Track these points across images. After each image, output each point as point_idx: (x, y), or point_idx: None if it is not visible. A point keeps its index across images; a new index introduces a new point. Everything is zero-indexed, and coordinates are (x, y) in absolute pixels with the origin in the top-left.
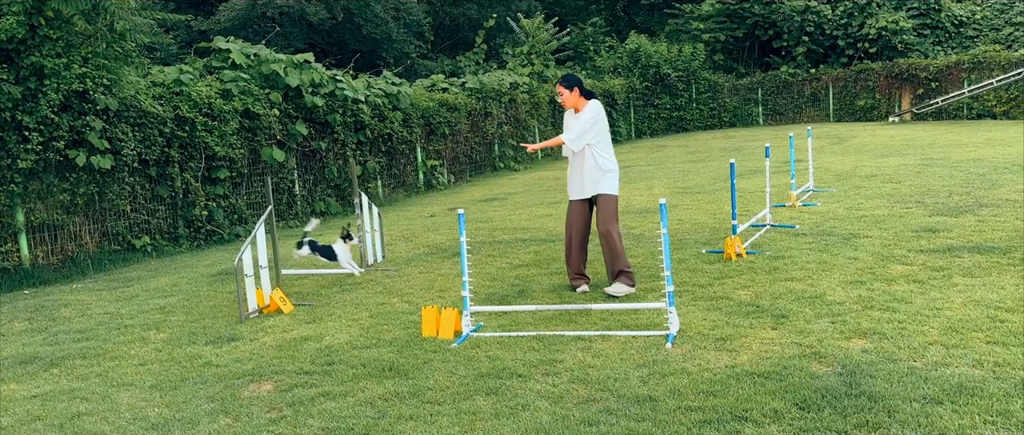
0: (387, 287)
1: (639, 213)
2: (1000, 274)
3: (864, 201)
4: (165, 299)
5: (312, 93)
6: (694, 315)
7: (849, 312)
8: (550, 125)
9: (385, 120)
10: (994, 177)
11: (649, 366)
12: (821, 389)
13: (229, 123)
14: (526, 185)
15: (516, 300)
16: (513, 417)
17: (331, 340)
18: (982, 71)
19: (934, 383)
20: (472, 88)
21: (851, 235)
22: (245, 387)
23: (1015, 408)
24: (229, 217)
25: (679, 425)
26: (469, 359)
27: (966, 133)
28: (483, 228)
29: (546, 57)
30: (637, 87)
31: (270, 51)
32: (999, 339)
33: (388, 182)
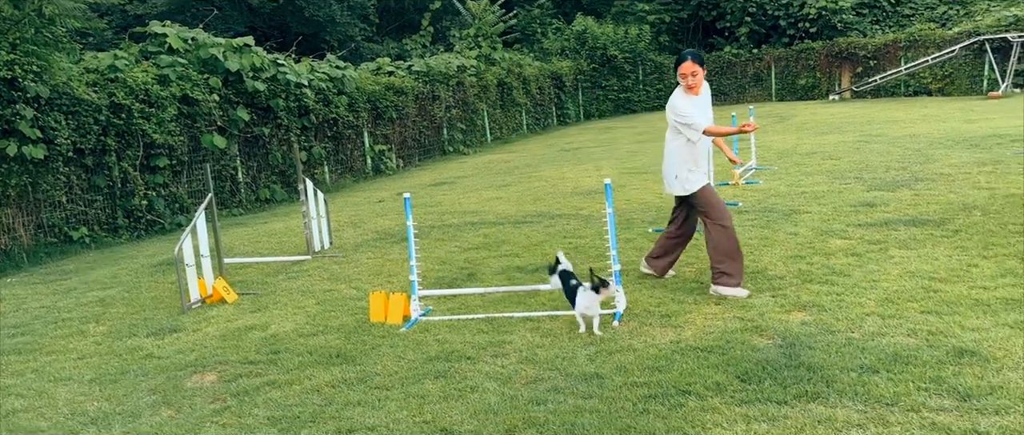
0: (334, 274)
1: (587, 194)
2: (934, 246)
3: (805, 178)
4: (104, 291)
5: (253, 78)
6: (641, 293)
7: (789, 286)
8: (499, 108)
9: (330, 105)
10: (929, 152)
11: (596, 344)
12: (762, 362)
13: (167, 110)
14: (476, 169)
15: (465, 283)
16: (462, 399)
17: (277, 329)
18: (918, 49)
19: (871, 353)
20: (419, 71)
21: (792, 211)
22: (188, 378)
23: (947, 375)
24: (170, 206)
25: (625, 401)
26: (418, 343)
27: (903, 110)
28: (432, 212)
29: (493, 39)
30: (585, 69)
31: (208, 35)
32: (933, 309)
33: (335, 168)
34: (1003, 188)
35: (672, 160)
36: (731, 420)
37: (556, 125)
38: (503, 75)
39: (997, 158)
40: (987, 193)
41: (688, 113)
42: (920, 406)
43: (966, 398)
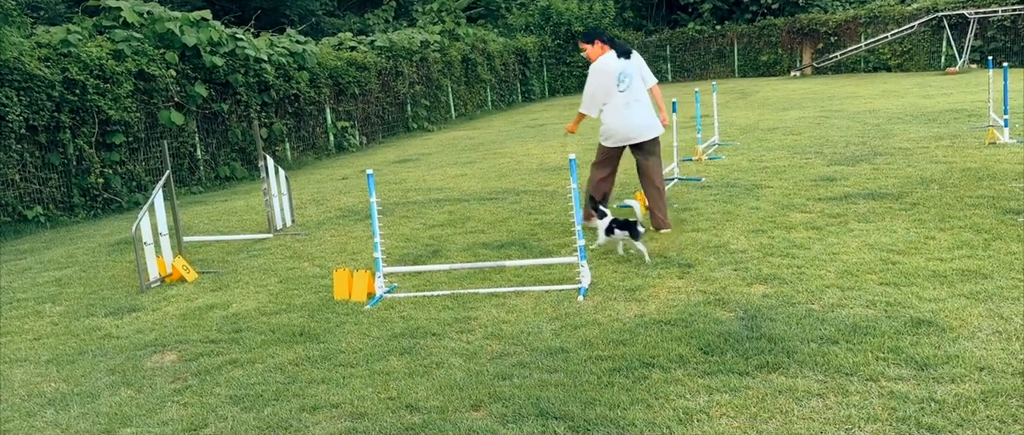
0: (297, 251)
1: (553, 170)
2: (893, 219)
3: (766, 153)
4: (61, 271)
5: (211, 53)
6: (605, 268)
7: (751, 259)
8: (463, 84)
9: (291, 80)
10: (888, 127)
11: (562, 319)
12: (724, 334)
13: (123, 85)
14: (440, 146)
15: (430, 260)
16: (427, 375)
17: (238, 307)
18: (878, 25)
19: (830, 324)
20: (382, 47)
21: (754, 186)
22: (148, 358)
23: (905, 344)
24: (127, 184)
25: (590, 374)
26: (382, 320)
27: (863, 85)
28: (396, 189)
29: (457, 15)
30: (549, 45)
31: (164, 9)
32: (891, 280)
33: (297, 144)
34: (960, 162)
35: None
36: (694, 391)
37: (521, 101)
38: (467, 51)
39: (954, 133)
40: (944, 167)
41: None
42: (878, 375)
43: (923, 367)
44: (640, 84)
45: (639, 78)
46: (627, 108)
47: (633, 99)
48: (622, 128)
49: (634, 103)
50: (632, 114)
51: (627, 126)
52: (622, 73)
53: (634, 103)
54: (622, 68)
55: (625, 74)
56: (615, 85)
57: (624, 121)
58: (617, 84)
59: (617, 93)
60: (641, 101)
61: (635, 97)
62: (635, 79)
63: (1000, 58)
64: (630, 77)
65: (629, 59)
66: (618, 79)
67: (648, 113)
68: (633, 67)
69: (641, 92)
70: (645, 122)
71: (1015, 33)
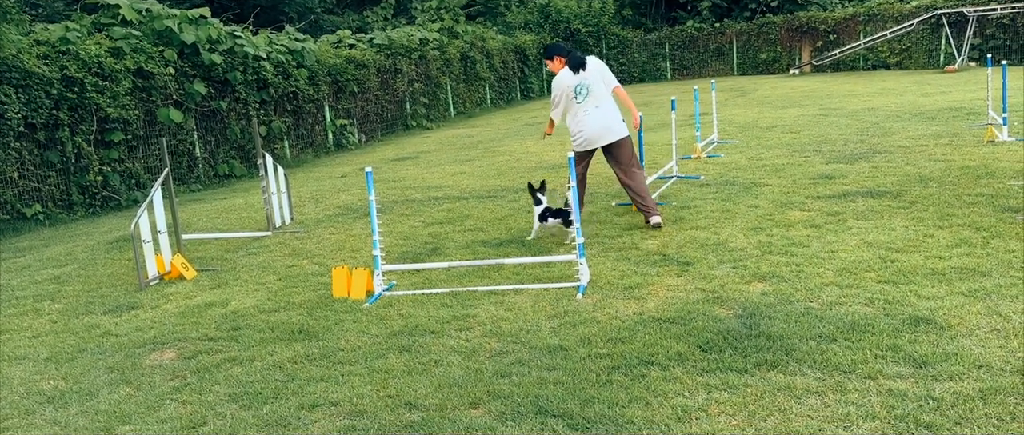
0: (296, 249)
1: (552, 168)
2: (891, 217)
3: (765, 151)
4: (59, 269)
5: (210, 50)
6: (604, 266)
7: (750, 257)
8: (462, 82)
9: (290, 78)
10: (887, 125)
11: (560, 317)
12: (723, 331)
13: (121, 83)
14: (439, 143)
15: (429, 258)
16: (426, 373)
17: (237, 305)
18: (877, 23)
19: (829, 322)
20: (381, 44)
21: (753, 184)
22: (147, 356)
23: (903, 342)
24: (126, 182)
25: (589, 372)
26: (381, 318)
27: (862, 83)
28: (395, 187)
29: (456, 12)
30: (548, 42)
31: (163, 7)
32: (889, 278)
33: (295, 142)
34: (958, 160)
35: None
36: (693, 389)
37: (520, 99)
38: (466, 49)
39: (953, 131)
40: (943, 165)
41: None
42: (877, 373)
43: (922, 365)
44: (601, 90)
45: (599, 85)
46: (587, 115)
47: (592, 106)
48: (584, 132)
49: (593, 109)
50: (592, 120)
51: (588, 131)
52: (578, 86)
53: (593, 109)
54: (577, 81)
55: (581, 86)
56: (573, 98)
57: (585, 126)
58: (575, 97)
59: (575, 104)
60: (601, 107)
61: (594, 104)
62: (593, 87)
63: (999, 56)
64: (586, 87)
65: (585, 70)
66: (574, 92)
67: (609, 117)
68: (591, 77)
69: (602, 98)
70: (605, 125)
71: (1014, 31)
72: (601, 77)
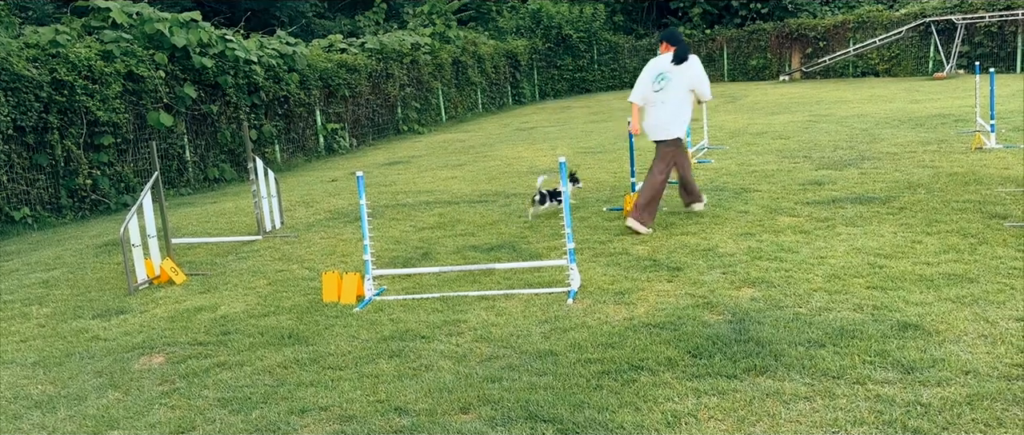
0: (286, 254)
1: (542, 173)
2: (880, 223)
3: (755, 157)
4: (48, 272)
5: (200, 54)
6: (595, 271)
7: (739, 263)
8: (453, 87)
9: (281, 82)
10: (876, 132)
11: (551, 322)
12: (713, 337)
13: (111, 86)
14: (430, 148)
15: (420, 263)
16: (416, 378)
17: (227, 309)
18: (866, 30)
19: (818, 327)
20: (372, 49)
21: (742, 190)
22: (135, 360)
23: (891, 348)
24: (115, 185)
25: (579, 377)
26: (372, 323)
27: (851, 90)
28: (386, 192)
29: (448, 17)
30: (540, 48)
31: (153, 10)
32: (878, 284)
33: (286, 146)
34: (946, 167)
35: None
36: (682, 394)
37: (511, 104)
38: (458, 54)
39: (941, 138)
40: (931, 172)
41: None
42: (865, 379)
43: (910, 371)
44: (677, 91)
45: (679, 86)
46: (652, 108)
47: (660, 101)
48: (645, 123)
49: (659, 105)
50: (652, 113)
51: (646, 124)
52: (660, 75)
53: (659, 105)
54: (661, 70)
55: (662, 75)
56: (650, 83)
57: (646, 117)
58: (653, 83)
59: (652, 91)
60: (668, 104)
61: (662, 100)
62: (672, 85)
63: (987, 63)
64: (667, 80)
65: (679, 66)
66: (655, 78)
67: (664, 118)
68: (678, 75)
69: (673, 99)
70: (657, 124)
71: (1002, 39)
72: (687, 81)
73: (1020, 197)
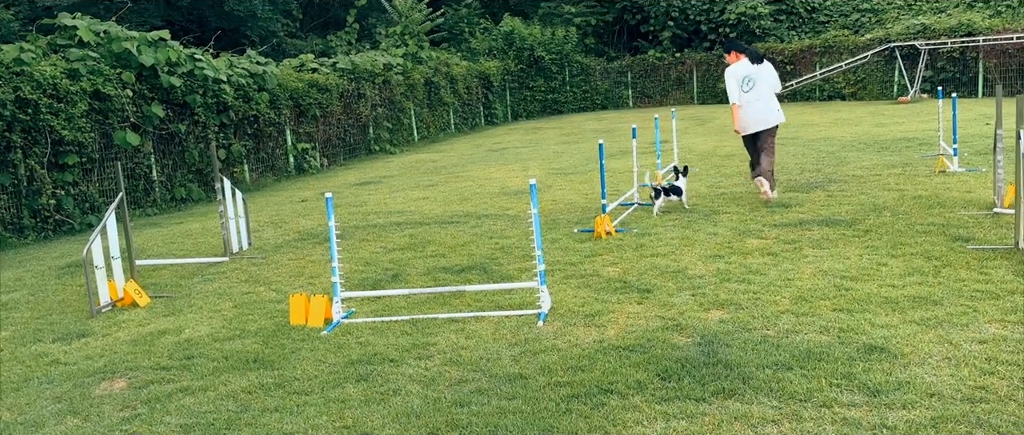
0: (253, 275)
1: (514, 194)
2: (846, 245)
3: (724, 179)
4: (8, 294)
5: (169, 73)
6: (565, 293)
7: (708, 285)
8: (426, 107)
9: (250, 101)
10: (842, 155)
11: (521, 345)
12: (682, 359)
13: (77, 105)
14: (402, 168)
15: (389, 284)
16: (384, 403)
17: (191, 333)
18: (833, 55)
19: (785, 350)
20: (344, 69)
21: (712, 212)
22: (96, 385)
23: (858, 371)
24: (80, 205)
25: (548, 401)
26: (339, 346)
27: (818, 113)
28: (357, 212)
29: (420, 38)
30: (512, 69)
31: (121, 28)
32: (844, 306)
33: (256, 166)
34: (911, 190)
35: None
36: (651, 418)
37: (484, 125)
38: (430, 74)
39: (906, 161)
40: (896, 194)
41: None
42: (832, 402)
43: (875, 393)
44: (764, 87)
45: (764, 82)
46: (748, 105)
47: (754, 98)
48: (743, 120)
49: (755, 101)
50: (751, 110)
51: (746, 119)
52: (746, 77)
53: (755, 101)
54: (747, 73)
55: (748, 78)
56: (739, 86)
57: (745, 115)
58: (741, 85)
59: (742, 93)
60: (762, 99)
61: (756, 97)
62: (759, 83)
63: (950, 88)
64: (753, 80)
65: (760, 65)
66: (742, 81)
67: (765, 110)
68: (761, 73)
69: (763, 95)
70: (760, 118)
71: (963, 64)
72: (770, 77)
73: (982, 220)
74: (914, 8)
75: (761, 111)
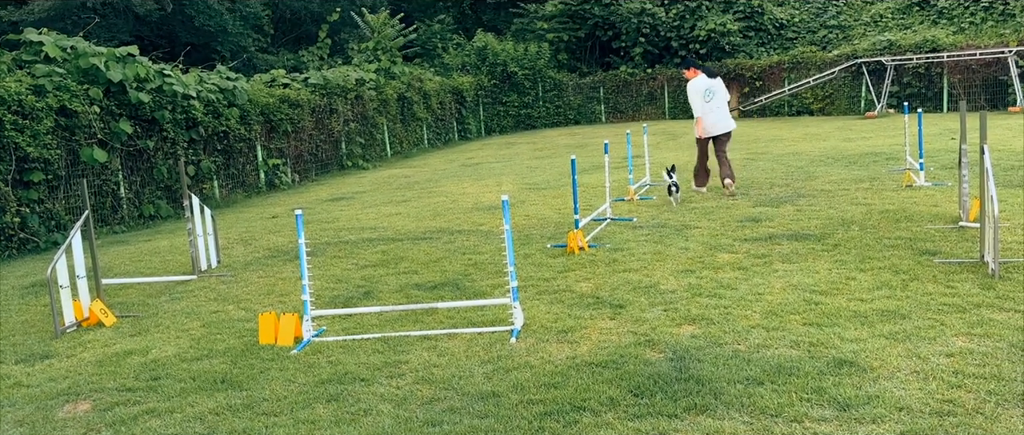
0: (222, 294)
1: (487, 209)
2: (815, 259)
3: (695, 194)
4: None
5: (137, 89)
6: (538, 309)
7: (680, 300)
8: (399, 122)
9: (220, 117)
10: (811, 169)
11: (494, 362)
12: (654, 375)
13: (43, 121)
14: (375, 184)
15: (361, 302)
16: (355, 423)
17: (158, 353)
18: (801, 71)
19: (756, 364)
20: (316, 84)
21: (683, 226)
22: (60, 408)
23: (828, 385)
24: (46, 223)
25: (521, 419)
26: (309, 366)
27: (787, 129)
28: (329, 229)
29: (393, 53)
30: (486, 85)
31: (89, 44)
32: (814, 321)
33: (226, 182)
34: (879, 204)
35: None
36: None
37: (457, 140)
38: (403, 89)
39: (873, 175)
40: (864, 209)
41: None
42: (803, 416)
43: (846, 408)
44: (721, 97)
45: (721, 94)
46: (712, 112)
47: (715, 106)
48: (707, 126)
49: (717, 109)
50: (714, 117)
51: (710, 124)
52: (708, 90)
53: (717, 109)
54: (708, 86)
55: (710, 90)
56: (702, 96)
57: (708, 121)
58: (704, 95)
59: (705, 103)
60: (721, 107)
61: (717, 105)
62: (718, 94)
63: (915, 103)
64: (714, 92)
65: (715, 79)
66: (704, 92)
67: (724, 117)
68: (717, 86)
69: (721, 102)
70: (721, 123)
71: (929, 79)
72: (723, 90)
73: (949, 234)
74: (880, 25)
75: (722, 117)
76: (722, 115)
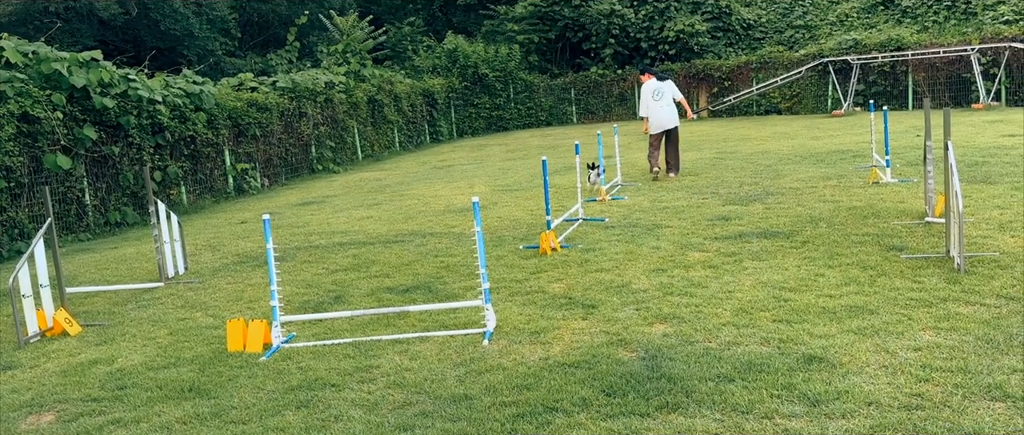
0: (189, 301)
1: (460, 212)
2: (784, 257)
3: (666, 193)
4: None
5: (101, 94)
6: (511, 310)
7: (652, 299)
8: (370, 125)
9: (187, 121)
10: (779, 168)
11: (466, 364)
12: (626, 375)
13: (4, 128)
14: (346, 187)
15: (332, 307)
16: (325, 430)
17: (124, 362)
18: (769, 70)
19: (727, 362)
20: (284, 87)
21: (655, 226)
22: (23, 420)
23: (798, 381)
24: (8, 232)
25: (494, 422)
26: (279, 372)
27: (755, 128)
28: (299, 233)
29: (363, 56)
30: (457, 87)
31: (51, 49)
32: (783, 317)
33: (193, 188)
34: (846, 201)
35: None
36: None
37: (429, 142)
38: (374, 92)
39: (841, 173)
40: (832, 206)
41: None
42: (773, 413)
43: (816, 404)
44: (669, 97)
45: (669, 94)
46: (660, 109)
47: (664, 104)
48: (656, 121)
49: (664, 107)
50: (661, 114)
51: (658, 120)
52: (656, 91)
53: (664, 107)
54: (656, 87)
55: (658, 91)
56: (651, 96)
57: (656, 117)
58: (652, 96)
59: (652, 102)
60: (669, 105)
61: (665, 104)
62: (665, 95)
63: (881, 101)
64: (662, 92)
65: (664, 83)
66: (653, 94)
67: (671, 113)
68: (666, 88)
69: (668, 101)
70: (667, 120)
71: (894, 78)
72: (672, 91)
73: (915, 229)
74: (846, 24)
75: (668, 114)
76: (669, 112)
